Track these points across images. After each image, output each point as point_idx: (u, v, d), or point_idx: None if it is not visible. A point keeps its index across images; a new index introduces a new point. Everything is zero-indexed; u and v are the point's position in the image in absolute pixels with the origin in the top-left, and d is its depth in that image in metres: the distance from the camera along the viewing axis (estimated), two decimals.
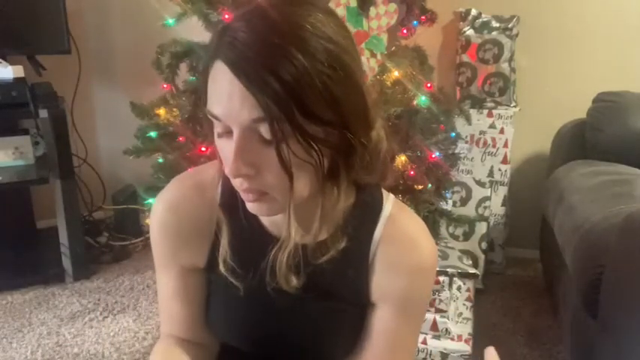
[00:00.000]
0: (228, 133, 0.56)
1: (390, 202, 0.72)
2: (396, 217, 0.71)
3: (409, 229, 0.71)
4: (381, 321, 0.73)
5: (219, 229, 0.70)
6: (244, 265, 0.70)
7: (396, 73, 1.40)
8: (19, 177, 2.06)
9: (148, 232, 2.13)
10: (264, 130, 0.54)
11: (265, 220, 0.70)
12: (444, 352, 1.58)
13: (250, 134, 0.54)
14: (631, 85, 2.00)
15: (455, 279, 1.62)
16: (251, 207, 0.61)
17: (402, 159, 1.44)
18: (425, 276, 0.71)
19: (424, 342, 1.59)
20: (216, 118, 0.56)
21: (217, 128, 0.58)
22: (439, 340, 1.59)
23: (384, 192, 0.73)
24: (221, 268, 0.69)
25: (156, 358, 0.75)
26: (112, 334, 1.78)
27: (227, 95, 0.53)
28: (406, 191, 1.48)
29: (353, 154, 0.60)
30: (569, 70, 2.24)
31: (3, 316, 1.89)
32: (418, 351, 1.59)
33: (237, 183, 0.59)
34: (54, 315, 1.89)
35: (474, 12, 2.19)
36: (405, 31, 1.54)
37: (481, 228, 2.16)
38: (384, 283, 0.70)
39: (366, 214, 0.70)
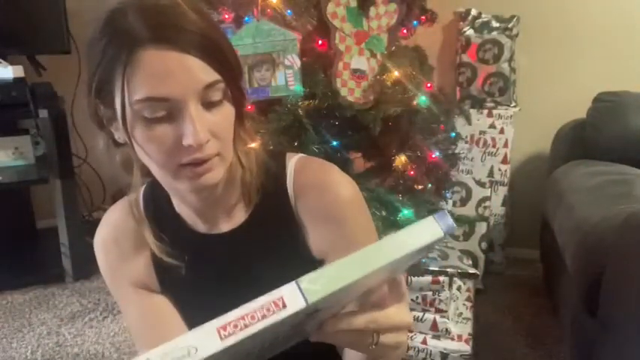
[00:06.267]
0: (164, 116, 0.57)
1: (294, 159, 0.73)
2: (300, 169, 0.72)
3: (316, 174, 0.71)
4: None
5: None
6: (178, 258, 0.72)
7: (396, 73, 1.40)
8: (19, 177, 2.06)
9: None
10: (213, 93, 0.59)
11: (187, 218, 0.73)
12: (444, 352, 1.57)
13: (197, 103, 0.58)
14: (631, 85, 2.00)
15: (455, 279, 1.62)
16: (205, 179, 0.61)
17: (402, 159, 1.44)
18: (348, 207, 0.70)
19: (424, 342, 1.59)
20: (164, 99, 0.56)
21: (156, 113, 0.57)
22: (439, 340, 1.59)
23: (288, 154, 0.74)
24: (156, 253, 0.71)
25: None
26: (112, 334, 1.78)
27: (171, 73, 0.55)
28: (406, 191, 1.48)
29: (243, 112, 0.67)
30: (569, 70, 2.24)
31: (3, 316, 1.89)
32: (418, 351, 1.59)
33: (189, 158, 0.59)
34: (54, 315, 1.89)
35: (473, 12, 2.19)
36: (405, 31, 1.54)
37: (481, 228, 2.16)
38: (315, 235, 0.71)
39: (273, 179, 0.71)
